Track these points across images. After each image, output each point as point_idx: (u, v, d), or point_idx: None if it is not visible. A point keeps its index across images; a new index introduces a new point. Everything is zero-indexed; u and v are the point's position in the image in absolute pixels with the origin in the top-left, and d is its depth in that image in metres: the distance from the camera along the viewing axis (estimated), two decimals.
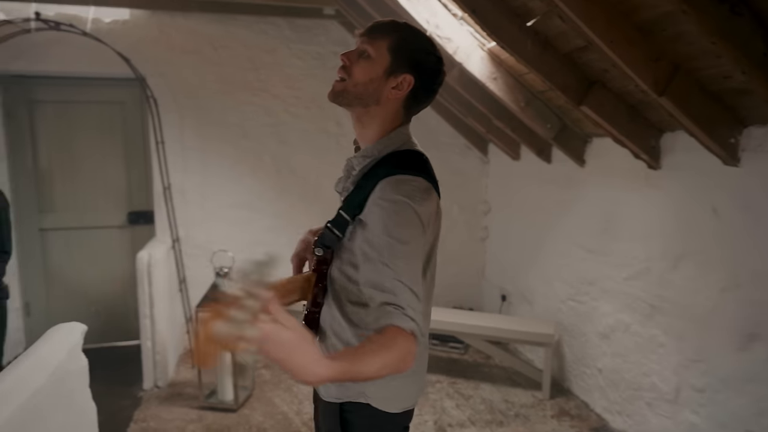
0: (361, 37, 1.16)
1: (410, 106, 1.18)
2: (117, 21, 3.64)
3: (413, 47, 1.15)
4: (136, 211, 3.98)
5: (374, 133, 1.18)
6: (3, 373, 1.36)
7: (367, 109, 1.16)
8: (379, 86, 1.13)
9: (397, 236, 1.03)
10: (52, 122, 3.81)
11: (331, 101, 1.18)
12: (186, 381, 3.41)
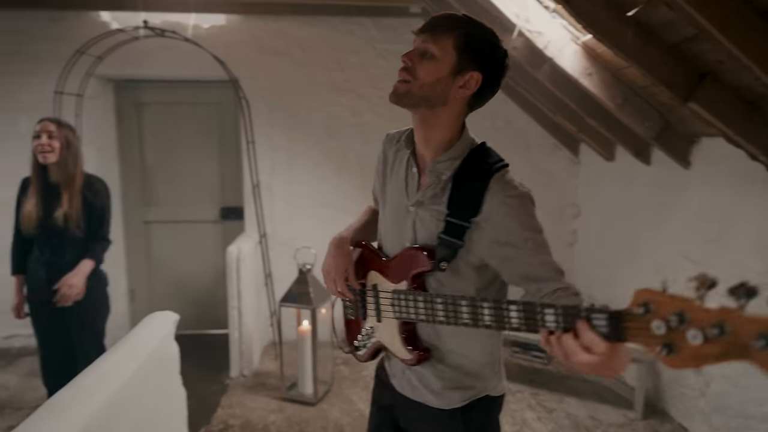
0: (422, 35, 1.11)
1: (474, 103, 1.15)
2: (214, 26, 3.84)
3: (479, 43, 1.10)
4: (228, 207, 4.19)
5: (441, 133, 1.15)
6: (102, 358, 1.45)
7: (433, 111, 1.12)
8: (447, 87, 1.09)
9: (533, 227, 1.09)
10: (157, 122, 4.11)
11: (393, 103, 1.13)
12: (269, 372, 3.53)
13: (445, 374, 1.21)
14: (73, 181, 2.31)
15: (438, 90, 1.09)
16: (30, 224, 2.28)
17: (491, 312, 0.96)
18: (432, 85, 1.08)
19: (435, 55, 1.08)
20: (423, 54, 1.10)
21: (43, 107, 3.74)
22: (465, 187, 1.11)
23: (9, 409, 3.01)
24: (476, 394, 1.23)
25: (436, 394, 1.22)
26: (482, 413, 1.24)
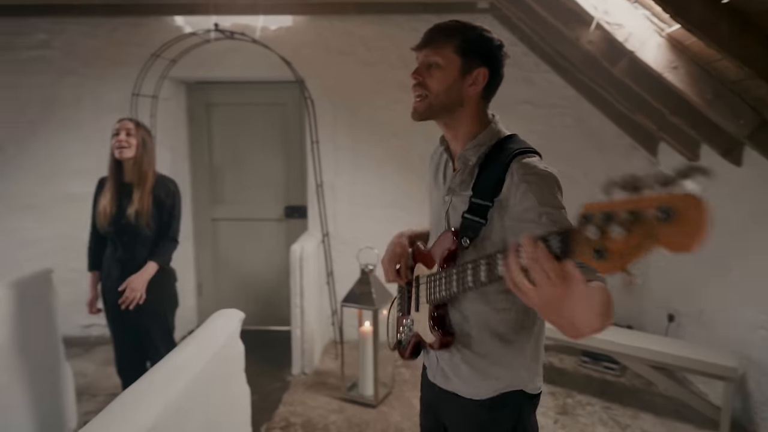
0: (423, 50, 1.21)
1: (487, 94, 1.23)
2: (281, 27, 3.89)
3: (477, 41, 1.18)
4: (292, 206, 4.24)
5: (466, 129, 1.23)
6: (171, 354, 1.47)
7: (453, 115, 1.21)
8: (459, 89, 1.18)
9: (551, 203, 1.08)
10: (225, 123, 4.22)
11: (416, 121, 1.23)
12: (329, 371, 3.54)
13: (473, 362, 1.23)
14: (145, 180, 2.38)
15: (452, 94, 1.18)
16: (104, 221, 2.38)
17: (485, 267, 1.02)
18: (446, 92, 1.18)
19: (440, 64, 1.18)
20: (429, 66, 1.19)
21: (122, 108, 3.94)
22: (489, 171, 1.17)
23: (86, 395, 3.17)
24: (506, 386, 1.22)
25: (465, 382, 1.25)
26: (514, 409, 1.24)
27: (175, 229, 2.49)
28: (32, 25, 3.91)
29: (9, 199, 4.07)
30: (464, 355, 1.24)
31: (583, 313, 0.85)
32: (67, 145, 4.02)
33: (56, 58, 3.95)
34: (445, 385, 1.29)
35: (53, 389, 2.59)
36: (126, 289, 2.33)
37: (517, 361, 1.23)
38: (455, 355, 1.25)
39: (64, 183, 4.05)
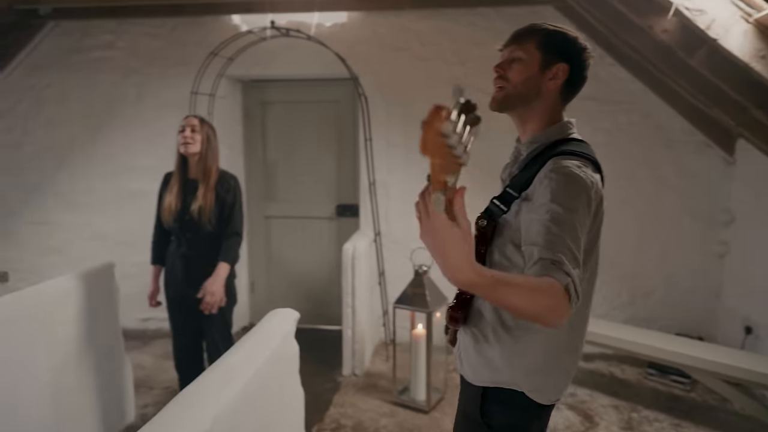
0: (508, 47, 1.26)
1: (567, 93, 1.26)
2: (336, 24, 3.87)
3: (559, 39, 1.24)
4: (344, 204, 4.21)
5: (536, 126, 1.27)
6: (227, 354, 1.44)
7: (529, 106, 1.25)
8: (537, 81, 1.23)
9: (563, 203, 1.07)
10: (279, 120, 4.24)
11: (494, 110, 1.27)
12: (380, 373, 3.48)
13: (479, 343, 1.27)
14: (209, 176, 2.40)
15: (530, 86, 1.23)
16: (169, 217, 2.41)
17: None
18: (524, 82, 1.23)
19: (522, 58, 1.23)
20: (512, 61, 1.24)
21: (181, 106, 4.02)
22: (530, 168, 1.21)
23: (144, 388, 3.24)
24: (505, 382, 1.24)
25: (470, 365, 1.30)
26: (512, 409, 1.24)
27: (237, 224, 2.50)
28: (99, 26, 4.05)
29: (75, 194, 4.24)
30: (474, 335, 1.28)
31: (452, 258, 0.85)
32: (129, 143, 4.15)
33: (121, 58, 4.07)
34: (460, 368, 1.36)
35: (114, 381, 2.65)
36: (204, 295, 2.35)
37: (518, 362, 1.23)
38: (467, 336, 1.31)
39: (126, 180, 4.18)
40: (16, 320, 2.08)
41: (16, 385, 2.02)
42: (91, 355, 2.46)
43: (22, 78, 4.18)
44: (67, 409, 2.30)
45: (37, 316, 2.19)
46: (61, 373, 2.29)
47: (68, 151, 4.21)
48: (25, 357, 2.08)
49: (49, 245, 4.29)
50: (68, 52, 4.11)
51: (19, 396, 2.02)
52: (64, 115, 4.19)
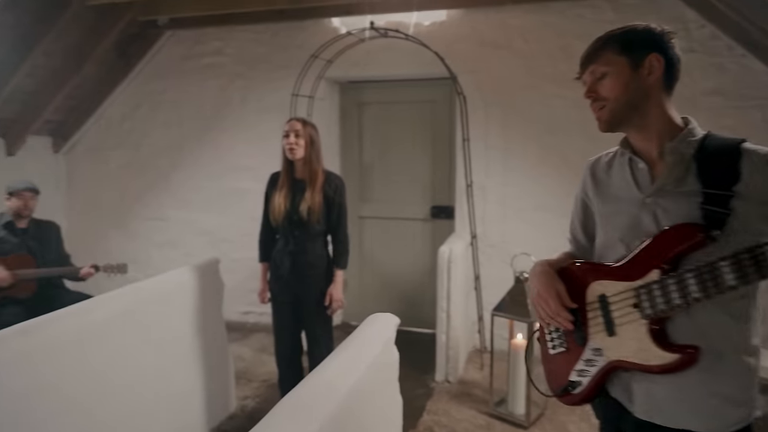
0: (586, 70, 1.22)
1: (669, 81, 1.17)
2: (435, 23, 3.80)
3: (632, 34, 1.17)
4: (438, 206, 4.13)
5: (662, 127, 1.17)
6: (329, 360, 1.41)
7: (643, 111, 1.16)
8: (636, 82, 1.15)
9: None
10: (375, 121, 4.25)
11: (605, 131, 1.21)
12: (474, 381, 3.36)
13: (713, 385, 1.08)
14: (315, 177, 2.44)
15: (632, 91, 1.15)
16: (278, 216, 2.47)
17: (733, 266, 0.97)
18: (624, 91, 1.15)
19: (608, 71, 1.17)
20: (598, 79, 1.19)
21: (282, 109, 4.14)
22: (713, 161, 1.10)
23: (243, 379, 3.36)
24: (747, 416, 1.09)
25: (699, 414, 1.09)
26: None
27: (345, 226, 2.54)
28: (210, 34, 4.28)
29: (185, 192, 4.52)
30: (702, 379, 1.08)
31: None
32: (233, 144, 4.35)
33: (228, 63, 4.28)
34: (670, 421, 1.12)
35: (218, 371, 2.77)
36: (332, 302, 2.49)
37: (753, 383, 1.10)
38: (689, 379, 1.09)
39: (230, 179, 4.38)
40: (136, 309, 2.23)
41: (133, 368, 2.15)
42: (199, 345, 2.59)
43: (142, 84, 4.52)
44: (176, 395, 2.43)
45: (154, 306, 2.33)
46: (173, 360, 2.42)
47: (179, 151, 4.49)
48: (142, 343, 2.22)
49: (163, 239, 4.61)
50: (181, 59, 4.39)
51: (134, 378, 2.15)
52: (177, 119, 4.48)
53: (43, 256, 3.22)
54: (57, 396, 1.77)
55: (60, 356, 1.82)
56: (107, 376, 2.00)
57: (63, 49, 3.85)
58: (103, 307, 2.11)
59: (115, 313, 2.12)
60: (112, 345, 2.05)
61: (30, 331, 1.80)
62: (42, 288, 3.18)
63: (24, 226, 3.22)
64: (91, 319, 2.01)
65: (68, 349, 1.87)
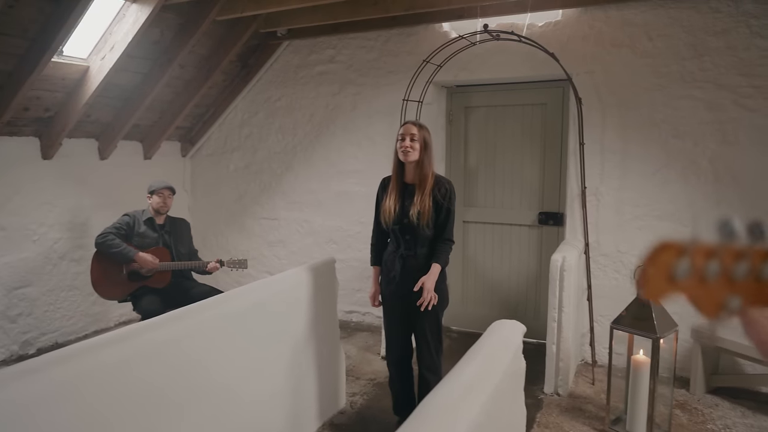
0: None
1: None
2: (548, 23, 3.69)
3: None
4: (547, 212, 4.00)
5: None
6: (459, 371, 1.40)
7: None
8: None
9: None
10: (482, 125, 4.20)
11: None
12: (585, 396, 3.22)
13: None
14: (426, 181, 2.46)
15: None
16: (389, 220, 2.51)
17: None
18: None
19: None
20: None
21: (389, 113, 4.23)
22: None
23: (350, 377, 3.46)
24: None
25: None
26: None
27: (451, 230, 2.52)
28: (323, 43, 4.47)
29: (296, 193, 4.75)
30: None
31: None
32: (342, 148, 4.51)
33: (340, 70, 4.44)
34: None
35: (330, 367, 2.88)
36: (424, 292, 2.43)
37: None
38: None
39: (337, 182, 4.54)
40: (264, 303, 2.37)
41: (256, 360, 2.29)
42: (315, 341, 2.71)
43: (260, 92, 4.82)
44: (292, 388, 2.56)
45: (277, 302, 2.47)
46: (292, 355, 2.55)
47: (292, 155, 4.73)
48: (267, 336, 2.36)
49: (275, 238, 4.88)
50: (296, 68, 4.63)
51: (256, 370, 2.28)
52: (290, 124, 4.72)
53: (177, 251, 3.53)
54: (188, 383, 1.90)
55: (197, 344, 1.97)
56: (232, 366, 2.14)
57: (195, 61, 4.21)
58: (235, 300, 2.27)
59: (246, 306, 2.27)
60: (240, 338, 2.20)
61: (175, 320, 1.97)
62: (175, 279, 3.49)
63: (161, 222, 3.55)
64: (224, 311, 2.17)
65: (209, 335, 2.03)
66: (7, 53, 3.14)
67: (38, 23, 3.07)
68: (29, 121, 3.70)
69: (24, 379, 1.41)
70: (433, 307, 2.50)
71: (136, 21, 3.40)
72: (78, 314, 4.24)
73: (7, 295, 3.76)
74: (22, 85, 3.25)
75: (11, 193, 3.75)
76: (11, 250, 3.77)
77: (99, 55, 3.59)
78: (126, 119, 4.15)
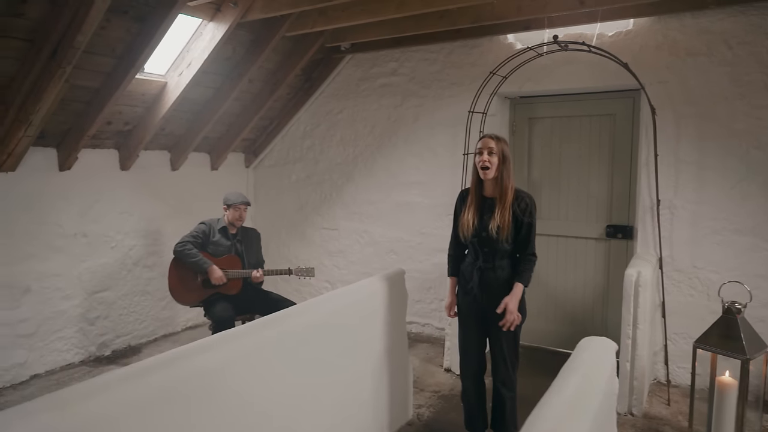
0: None
1: None
2: (619, 33, 3.61)
3: None
4: (615, 225, 3.90)
5: None
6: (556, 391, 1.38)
7: None
8: None
9: None
10: (546, 136, 4.14)
11: None
12: (661, 417, 3.09)
13: None
14: (505, 195, 2.44)
15: None
16: (467, 233, 2.50)
17: None
18: None
19: None
20: None
21: (452, 125, 4.24)
22: None
23: (415, 389, 3.45)
24: None
25: None
26: None
27: (533, 245, 2.49)
28: (386, 56, 4.53)
29: (357, 204, 4.81)
30: None
31: None
32: (403, 159, 4.54)
33: (402, 83, 4.49)
34: None
35: (399, 377, 2.88)
36: (507, 314, 2.41)
37: None
38: None
39: (398, 193, 4.57)
40: (337, 314, 2.41)
41: (329, 371, 2.32)
42: (385, 352, 2.72)
43: (322, 105, 4.92)
44: (364, 399, 2.57)
45: (350, 313, 2.50)
46: (363, 365, 2.57)
47: (353, 166, 4.79)
48: (339, 347, 2.38)
49: (335, 248, 4.95)
50: (358, 81, 4.70)
51: (329, 381, 2.31)
52: (351, 136, 4.79)
53: (247, 259, 3.64)
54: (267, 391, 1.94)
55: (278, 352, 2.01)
56: (308, 374, 2.17)
57: (263, 75, 4.35)
58: (314, 310, 2.32)
59: (324, 316, 2.31)
60: (317, 347, 2.23)
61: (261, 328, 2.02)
62: (246, 287, 3.59)
63: (234, 231, 3.67)
64: (305, 320, 2.21)
65: (289, 344, 2.07)
66: (96, 71, 3.33)
67: (125, 42, 3.25)
68: (111, 134, 3.91)
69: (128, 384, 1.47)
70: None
71: (213, 38, 3.55)
72: (149, 318, 4.42)
73: (87, 299, 3.96)
74: (108, 101, 3.44)
75: (93, 202, 3.96)
76: (92, 256, 3.98)
77: (176, 71, 3.76)
78: (197, 132, 4.33)
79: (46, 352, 3.72)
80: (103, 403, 1.37)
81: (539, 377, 3.63)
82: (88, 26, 2.77)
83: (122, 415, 1.40)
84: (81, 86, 3.33)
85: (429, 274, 4.45)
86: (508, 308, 2.41)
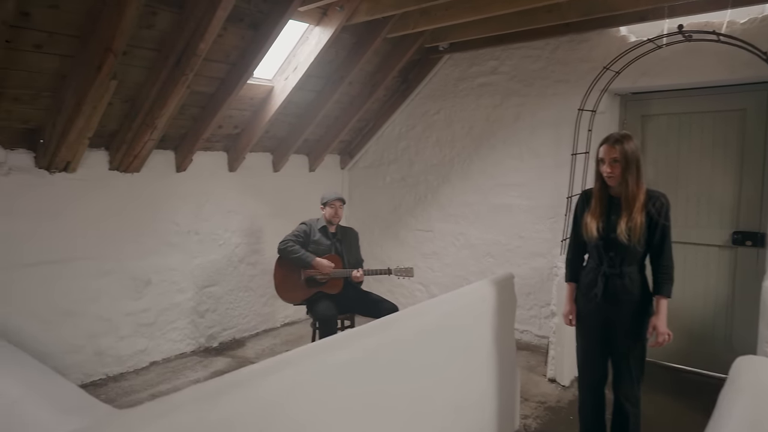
0: None
1: None
2: (754, 19, 3.28)
3: None
4: (743, 231, 3.54)
5: None
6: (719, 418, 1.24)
7: None
8: None
9: None
10: (662, 134, 3.85)
11: None
12: None
13: None
14: (635, 197, 2.26)
15: None
16: (591, 236, 2.35)
17: None
18: None
19: None
20: None
21: (555, 125, 4.06)
22: None
23: (520, 398, 3.32)
24: None
25: None
26: None
27: (670, 251, 2.31)
28: (486, 55, 4.43)
29: (453, 206, 4.73)
30: None
31: None
32: (502, 160, 4.41)
33: (502, 81, 4.36)
34: None
35: (507, 386, 2.78)
36: (658, 335, 2.30)
37: None
38: None
39: (496, 195, 4.45)
40: (450, 316, 2.36)
41: (438, 376, 2.26)
42: (494, 358, 2.63)
43: (418, 106, 4.90)
44: (472, 406, 2.50)
45: (460, 317, 2.44)
46: (472, 372, 2.50)
47: (449, 168, 4.73)
48: (450, 351, 2.33)
49: (429, 250, 4.91)
50: (456, 80, 4.63)
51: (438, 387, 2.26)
52: (448, 137, 4.73)
53: (347, 258, 3.68)
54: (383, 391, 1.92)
55: (395, 353, 1.99)
56: (422, 377, 2.13)
57: (363, 77, 4.40)
58: (429, 312, 2.28)
59: (437, 318, 2.27)
60: (431, 349, 2.19)
61: (382, 329, 2.02)
62: (347, 286, 3.64)
63: (333, 230, 3.73)
64: (421, 322, 2.18)
65: (406, 345, 2.05)
66: (212, 77, 3.51)
67: (239, 49, 3.40)
68: (221, 137, 4.12)
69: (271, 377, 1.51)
70: (640, 334, 2.30)
71: (318, 42, 3.63)
72: (251, 313, 4.60)
73: (198, 293, 4.19)
74: (222, 106, 3.62)
75: (204, 201, 4.19)
76: (203, 253, 4.21)
77: (283, 75, 3.89)
78: (298, 134, 4.45)
79: (163, 341, 3.98)
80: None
81: (657, 394, 3.38)
82: (210, 35, 2.92)
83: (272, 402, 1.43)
84: (198, 92, 3.52)
85: (528, 279, 4.29)
86: (658, 330, 2.28)
